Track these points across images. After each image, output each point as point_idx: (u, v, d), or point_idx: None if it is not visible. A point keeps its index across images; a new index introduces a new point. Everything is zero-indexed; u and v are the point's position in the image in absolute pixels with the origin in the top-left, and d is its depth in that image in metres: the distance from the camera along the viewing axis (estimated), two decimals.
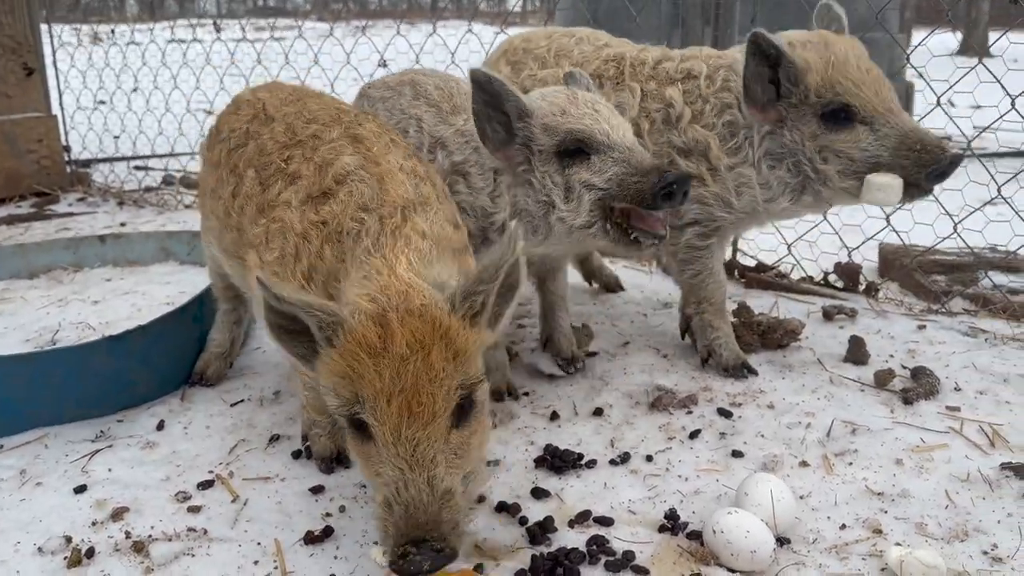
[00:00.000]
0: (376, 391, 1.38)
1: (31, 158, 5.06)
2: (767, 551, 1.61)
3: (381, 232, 1.61)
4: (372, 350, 1.39)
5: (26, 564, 1.67)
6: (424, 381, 1.39)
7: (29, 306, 3.12)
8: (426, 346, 1.39)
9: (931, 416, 2.20)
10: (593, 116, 2.03)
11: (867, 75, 2.17)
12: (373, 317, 1.41)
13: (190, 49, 5.75)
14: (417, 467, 1.38)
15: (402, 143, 1.94)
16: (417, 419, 1.38)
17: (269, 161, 1.93)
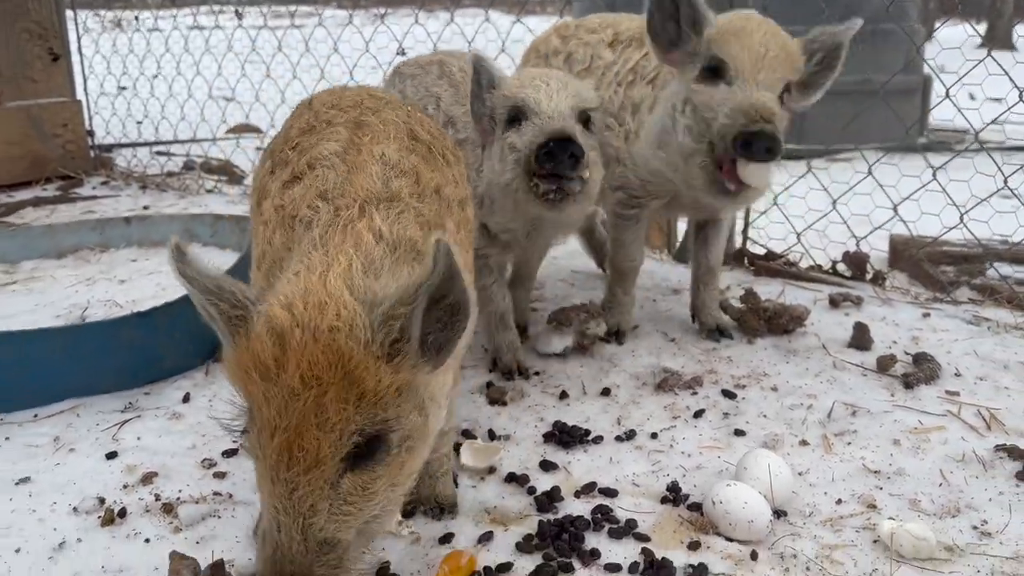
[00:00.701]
0: (262, 420, 1.21)
1: (56, 142, 5.17)
2: (764, 522, 1.69)
3: (332, 224, 1.43)
4: (264, 372, 1.22)
5: (63, 522, 1.77)
6: (310, 424, 1.19)
7: (58, 284, 3.23)
8: (322, 384, 1.19)
9: (931, 400, 2.26)
10: (536, 87, 2.13)
11: (759, 48, 2.17)
12: (273, 333, 1.22)
13: (212, 35, 5.84)
14: (292, 513, 1.21)
15: (410, 138, 1.74)
16: (297, 463, 1.20)
17: (283, 147, 1.80)
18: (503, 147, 2.14)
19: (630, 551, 1.67)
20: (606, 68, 2.63)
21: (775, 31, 2.23)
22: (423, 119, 1.88)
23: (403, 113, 1.81)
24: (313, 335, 1.20)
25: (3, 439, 2.10)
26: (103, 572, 1.61)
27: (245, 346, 1.24)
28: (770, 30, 2.22)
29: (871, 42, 5.06)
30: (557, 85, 2.15)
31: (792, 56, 2.22)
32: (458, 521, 1.77)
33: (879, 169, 3.18)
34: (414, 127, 1.77)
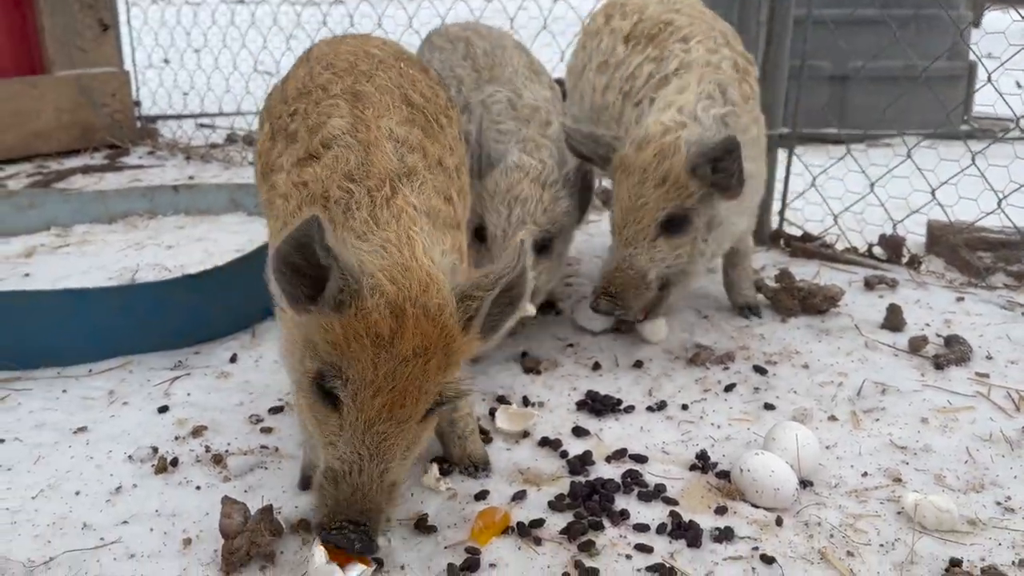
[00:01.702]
0: (366, 380, 1.36)
1: (104, 111, 5.30)
2: (790, 490, 1.73)
3: (373, 205, 1.53)
4: (379, 340, 1.35)
5: (119, 469, 1.87)
6: (414, 387, 1.38)
7: (109, 248, 3.34)
8: (429, 353, 1.38)
9: (960, 381, 2.28)
10: (500, 214, 2.25)
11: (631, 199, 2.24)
12: (392, 306, 1.36)
13: (258, 9, 5.93)
14: (376, 459, 1.38)
15: (406, 105, 1.77)
16: (394, 417, 1.38)
17: (281, 112, 1.84)
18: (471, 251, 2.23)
19: (658, 513, 1.72)
20: (616, 67, 2.64)
21: (659, 162, 2.20)
22: (414, 78, 1.88)
23: (395, 75, 1.84)
24: (424, 311, 1.38)
25: (60, 391, 2.21)
26: (157, 515, 1.71)
27: (356, 315, 1.36)
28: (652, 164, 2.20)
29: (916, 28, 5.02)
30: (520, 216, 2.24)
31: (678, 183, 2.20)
32: (493, 480, 1.84)
33: (918, 153, 3.18)
34: (408, 92, 1.80)
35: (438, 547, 1.62)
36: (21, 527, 1.66)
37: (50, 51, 5.12)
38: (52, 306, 2.30)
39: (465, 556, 1.58)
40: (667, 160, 2.19)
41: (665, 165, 2.19)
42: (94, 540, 1.63)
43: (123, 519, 1.69)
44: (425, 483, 1.81)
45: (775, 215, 3.50)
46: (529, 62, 2.63)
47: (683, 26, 2.56)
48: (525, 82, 2.49)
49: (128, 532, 1.65)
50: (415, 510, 1.72)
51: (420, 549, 1.61)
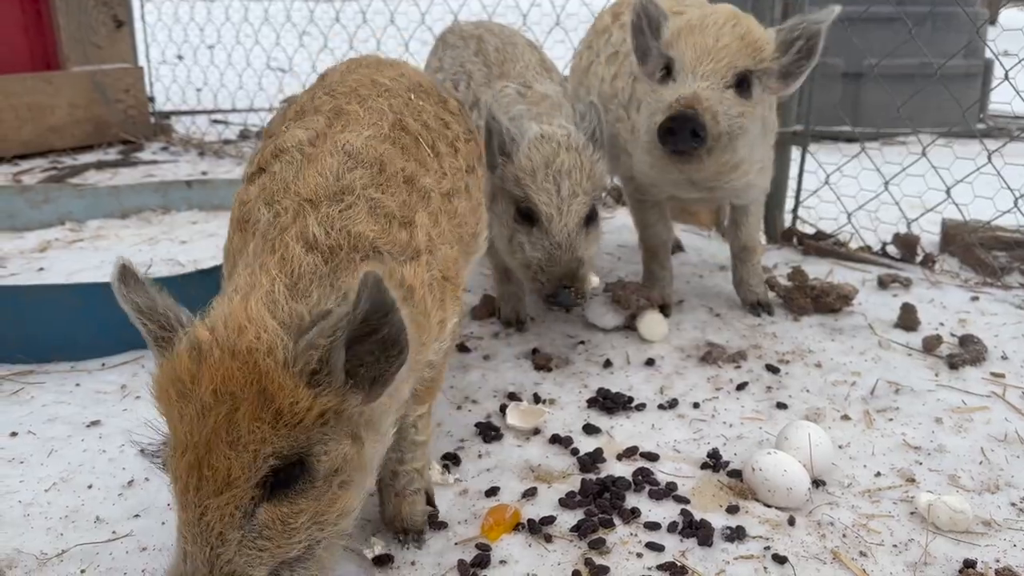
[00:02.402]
0: (175, 439, 1.16)
1: (119, 107, 5.32)
2: (802, 490, 1.72)
3: (267, 234, 1.37)
4: (181, 389, 1.16)
5: (131, 462, 1.88)
6: (221, 441, 1.12)
7: (123, 243, 3.36)
8: (236, 399, 1.13)
9: (975, 381, 2.27)
10: (549, 192, 2.20)
11: (705, 41, 2.21)
12: (192, 349, 1.17)
13: (271, 6, 5.94)
14: (199, 541, 1.13)
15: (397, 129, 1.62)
16: (206, 484, 1.13)
17: (276, 132, 1.70)
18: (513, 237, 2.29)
19: (670, 512, 1.72)
20: (626, 55, 2.65)
21: (733, 23, 2.25)
22: (421, 108, 1.75)
23: (397, 102, 1.70)
24: (231, 353, 1.15)
25: (74, 385, 2.22)
26: (169, 509, 1.71)
27: (166, 366, 1.20)
28: (726, 23, 2.24)
29: (931, 25, 4.98)
30: (570, 188, 2.21)
31: (751, 45, 2.23)
32: (504, 476, 1.84)
33: (933, 151, 3.16)
34: (405, 118, 1.66)
35: (449, 543, 1.62)
36: (34, 520, 1.67)
37: (65, 47, 5.15)
38: (66, 300, 2.31)
39: (476, 553, 1.58)
40: (744, 22, 2.27)
41: (744, 24, 2.26)
42: (106, 533, 1.64)
43: (135, 512, 1.70)
44: (432, 479, 1.81)
45: (788, 213, 3.48)
46: (540, 59, 2.62)
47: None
48: (536, 77, 2.48)
49: (140, 525, 1.66)
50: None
51: (431, 545, 1.61)
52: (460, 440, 1.99)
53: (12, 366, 2.28)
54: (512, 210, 2.25)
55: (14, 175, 4.55)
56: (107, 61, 5.33)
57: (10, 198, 3.53)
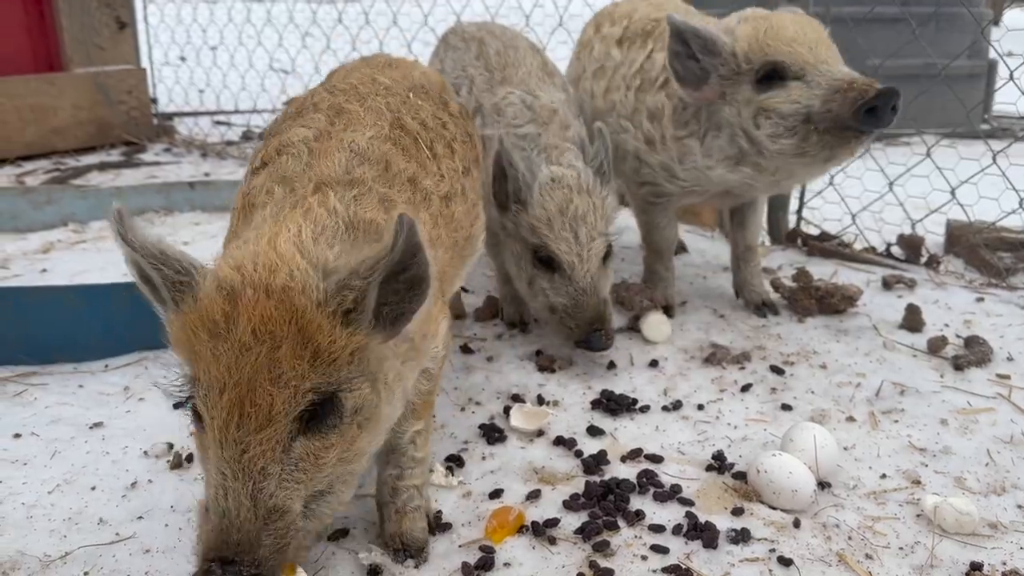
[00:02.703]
0: (210, 378, 1.17)
1: (121, 109, 5.33)
2: (808, 492, 1.72)
3: (285, 201, 1.39)
4: (213, 329, 1.17)
5: (134, 464, 1.87)
6: (263, 379, 1.15)
7: None
8: (276, 338, 1.16)
9: (980, 382, 2.26)
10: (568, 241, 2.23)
11: (802, 35, 2.17)
12: (223, 289, 1.18)
13: (274, 7, 5.94)
14: (241, 476, 1.15)
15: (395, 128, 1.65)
16: (249, 421, 1.15)
17: (275, 130, 1.73)
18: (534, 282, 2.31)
19: (674, 514, 1.71)
20: (615, 69, 2.64)
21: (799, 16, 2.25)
22: (419, 107, 1.79)
23: (396, 101, 1.73)
24: (266, 292, 1.17)
25: (77, 386, 2.22)
26: (172, 511, 1.71)
27: (192, 308, 1.20)
28: (796, 16, 2.24)
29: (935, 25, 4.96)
30: (587, 234, 2.24)
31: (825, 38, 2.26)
32: (507, 479, 1.83)
33: (938, 152, 3.15)
34: (403, 117, 1.70)
35: (452, 545, 1.62)
36: (37, 522, 1.67)
37: (68, 49, 5.16)
38: (69, 302, 2.30)
39: (479, 555, 1.57)
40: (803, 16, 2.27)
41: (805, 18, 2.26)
42: (109, 535, 1.63)
43: (138, 514, 1.70)
44: (434, 482, 1.80)
45: (792, 214, 3.47)
46: (543, 63, 2.61)
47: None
48: (539, 83, 2.47)
49: (143, 527, 1.66)
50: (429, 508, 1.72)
51: (434, 547, 1.61)
52: (464, 442, 1.98)
53: (15, 367, 2.28)
54: (530, 255, 2.28)
55: (17, 177, 4.56)
56: (110, 62, 5.34)
57: (13, 199, 3.53)
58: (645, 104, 2.50)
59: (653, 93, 2.48)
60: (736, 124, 2.29)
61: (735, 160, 2.35)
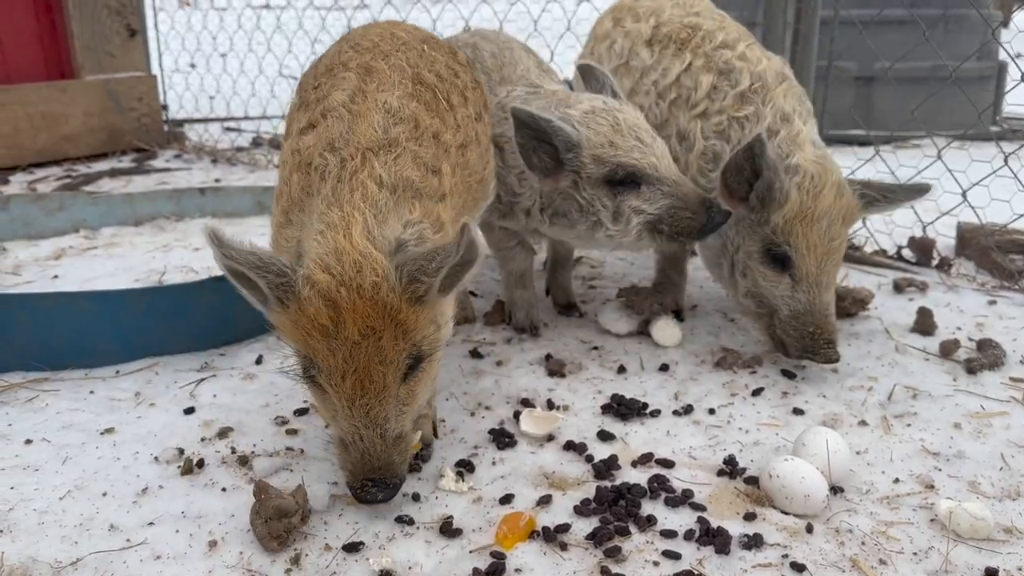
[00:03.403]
0: (331, 367, 1.49)
1: (132, 115, 5.36)
2: (820, 497, 1.70)
3: (340, 177, 1.64)
4: (324, 331, 1.47)
5: (145, 470, 1.88)
6: (374, 362, 1.49)
7: (137, 251, 3.37)
8: (377, 331, 1.48)
9: (994, 386, 2.24)
10: (640, 149, 2.18)
11: (824, 243, 2.21)
12: (324, 296, 1.46)
13: (283, 14, 5.97)
14: (371, 425, 1.54)
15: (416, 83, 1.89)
16: (368, 392, 1.51)
17: (308, 86, 1.99)
18: (621, 209, 2.20)
19: (686, 519, 1.70)
20: (643, 72, 2.56)
21: (839, 199, 2.21)
22: (434, 58, 2.03)
23: (415, 55, 1.98)
24: (359, 293, 1.46)
25: (88, 392, 2.22)
26: (183, 517, 1.71)
27: (298, 309, 1.48)
28: (835, 202, 2.20)
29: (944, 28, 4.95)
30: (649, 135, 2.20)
31: (851, 221, 2.28)
32: (518, 484, 1.83)
33: (948, 154, 3.14)
34: (421, 71, 1.94)
35: (463, 551, 1.61)
36: (48, 528, 1.67)
37: (79, 57, 5.19)
38: (80, 308, 2.31)
39: (490, 561, 1.57)
40: (844, 196, 2.24)
41: (843, 202, 2.23)
42: (120, 541, 1.63)
43: (149, 520, 1.70)
44: (444, 487, 1.80)
45: None
46: (538, 62, 2.61)
47: (714, 30, 2.50)
48: (539, 78, 2.47)
49: (154, 533, 1.66)
50: (439, 513, 1.71)
51: (445, 553, 1.60)
52: (474, 447, 1.98)
53: (27, 373, 2.29)
54: (602, 188, 2.19)
55: (29, 183, 4.58)
56: (121, 70, 5.37)
57: (25, 206, 3.55)
58: (677, 122, 2.44)
59: (688, 118, 2.41)
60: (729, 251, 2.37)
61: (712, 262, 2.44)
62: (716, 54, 2.43)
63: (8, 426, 2.05)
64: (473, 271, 1.58)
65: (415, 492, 1.78)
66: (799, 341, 2.23)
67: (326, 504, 1.73)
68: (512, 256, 2.57)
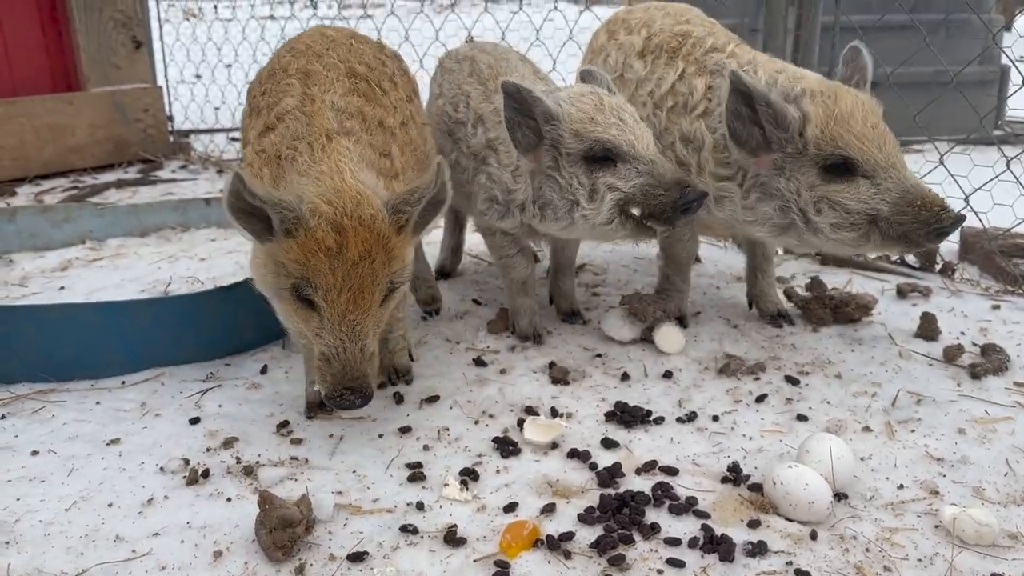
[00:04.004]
0: (329, 284, 1.76)
1: (138, 127, 5.39)
2: (824, 504, 1.70)
3: (312, 151, 1.93)
4: (329, 252, 1.75)
5: (150, 480, 1.89)
6: (368, 282, 1.79)
7: (142, 261, 3.39)
8: (372, 255, 1.78)
9: (998, 391, 2.24)
10: (619, 126, 2.18)
11: (872, 131, 2.14)
12: (332, 223, 1.75)
13: (287, 25, 6.00)
14: (354, 340, 1.79)
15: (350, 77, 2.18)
16: (359, 307, 1.79)
17: (256, 92, 2.27)
18: (596, 186, 2.19)
19: (690, 527, 1.70)
20: (639, 83, 2.58)
21: (858, 98, 2.19)
22: (361, 51, 2.32)
23: (343, 51, 2.26)
24: (359, 221, 1.76)
25: (94, 403, 2.23)
26: (188, 527, 1.72)
27: (306, 235, 1.75)
28: (858, 100, 2.18)
29: (945, 33, 4.95)
30: (632, 121, 2.20)
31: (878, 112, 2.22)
32: (522, 492, 1.83)
33: (951, 159, 3.13)
34: (353, 64, 2.22)
35: (467, 560, 1.61)
36: (54, 539, 1.68)
37: (85, 69, 5.22)
38: (86, 319, 2.33)
39: (495, 570, 1.57)
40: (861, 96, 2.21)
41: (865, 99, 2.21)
42: (126, 552, 1.64)
43: (155, 531, 1.70)
44: (448, 496, 1.81)
45: None
46: (534, 70, 2.63)
47: (704, 36, 2.53)
48: (533, 84, 2.48)
49: (159, 544, 1.66)
50: (443, 522, 1.72)
51: (449, 563, 1.61)
52: (478, 455, 1.98)
53: (34, 384, 2.30)
54: (582, 164, 2.21)
55: (36, 195, 4.61)
56: (126, 81, 5.40)
57: (32, 218, 3.56)
58: (679, 128, 2.43)
59: (691, 120, 2.41)
60: (792, 200, 2.22)
61: (782, 229, 2.29)
62: (706, 58, 2.46)
63: (15, 437, 2.07)
64: (440, 214, 1.94)
65: (419, 501, 1.79)
66: (916, 221, 2.09)
67: (330, 514, 1.73)
68: (514, 264, 2.58)
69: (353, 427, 2.11)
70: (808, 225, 2.22)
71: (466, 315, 2.83)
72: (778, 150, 2.20)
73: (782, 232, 2.30)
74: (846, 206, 2.15)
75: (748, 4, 4.99)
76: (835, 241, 2.22)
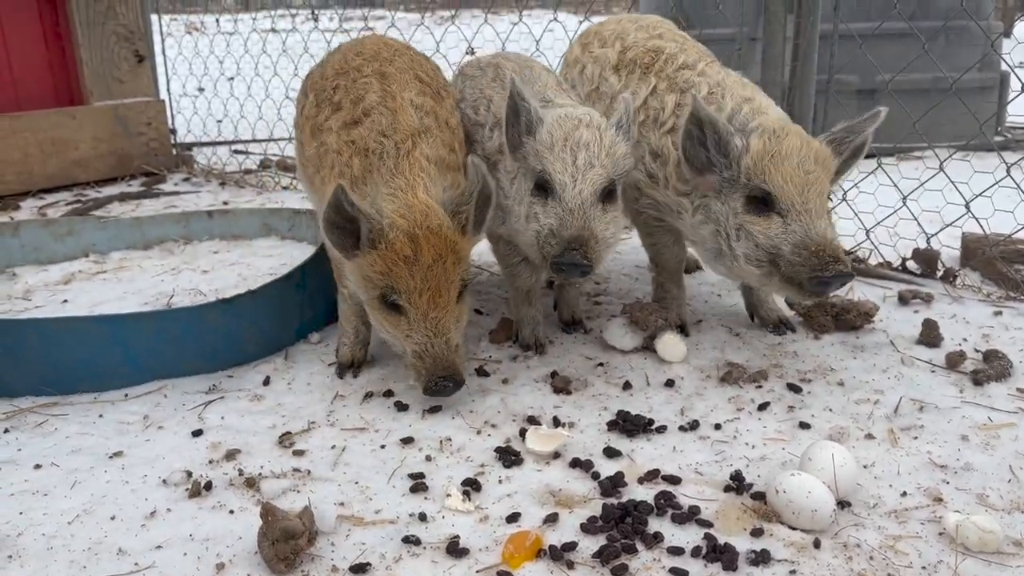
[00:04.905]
0: (410, 288, 2.04)
1: (141, 140, 5.41)
2: (827, 512, 1.70)
3: (398, 156, 2.17)
4: (407, 260, 2.02)
5: (153, 493, 1.89)
6: (443, 281, 2.06)
7: (145, 274, 3.40)
8: (444, 257, 2.05)
9: (1001, 397, 2.23)
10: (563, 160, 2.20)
11: (802, 175, 2.17)
12: (407, 234, 2.02)
13: (288, 37, 6.03)
14: (439, 335, 2.07)
15: (418, 82, 2.41)
16: (439, 305, 2.06)
17: (324, 86, 2.46)
18: (528, 210, 2.24)
19: (693, 536, 1.70)
20: (612, 97, 2.62)
21: (807, 144, 2.22)
22: (421, 62, 2.56)
23: (407, 60, 2.49)
24: (430, 231, 2.04)
25: (97, 416, 2.24)
26: (191, 540, 1.72)
27: (386, 246, 2.03)
28: (804, 145, 2.20)
29: (945, 39, 4.96)
30: (586, 159, 2.20)
31: (827, 165, 2.23)
32: (524, 502, 1.83)
33: (951, 166, 3.14)
34: (418, 72, 2.45)
35: (470, 571, 1.61)
36: (57, 553, 1.68)
37: (88, 83, 5.24)
38: (89, 332, 2.34)
39: None
40: (811, 143, 2.23)
41: (811, 146, 2.22)
42: (128, 565, 1.64)
43: (157, 544, 1.71)
44: (450, 506, 1.81)
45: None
46: (557, 81, 2.65)
47: (676, 52, 2.58)
48: (555, 94, 2.50)
49: (162, 557, 1.66)
50: (446, 533, 1.72)
51: (451, 574, 1.61)
52: (480, 465, 1.99)
53: (37, 398, 2.31)
54: (531, 185, 2.25)
55: (39, 209, 4.63)
56: (129, 95, 5.42)
57: (35, 231, 3.58)
58: (649, 142, 2.48)
59: (659, 135, 2.46)
60: (723, 224, 2.29)
61: (715, 253, 2.36)
62: (677, 75, 2.51)
63: (18, 451, 2.07)
64: (491, 208, 2.19)
65: (421, 511, 1.79)
66: (805, 265, 2.12)
67: (333, 525, 1.73)
68: (518, 272, 2.58)
69: (355, 438, 2.11)
70: (731, 251, 2.28)
71: (468, 325, 2.83)
72: (718, 173, 2.26)
73: (715, 257, 2.36)
74: (756, 239, 2.21)
75: (747, 13, 5.01)
76: (746, 273, 2.29)
